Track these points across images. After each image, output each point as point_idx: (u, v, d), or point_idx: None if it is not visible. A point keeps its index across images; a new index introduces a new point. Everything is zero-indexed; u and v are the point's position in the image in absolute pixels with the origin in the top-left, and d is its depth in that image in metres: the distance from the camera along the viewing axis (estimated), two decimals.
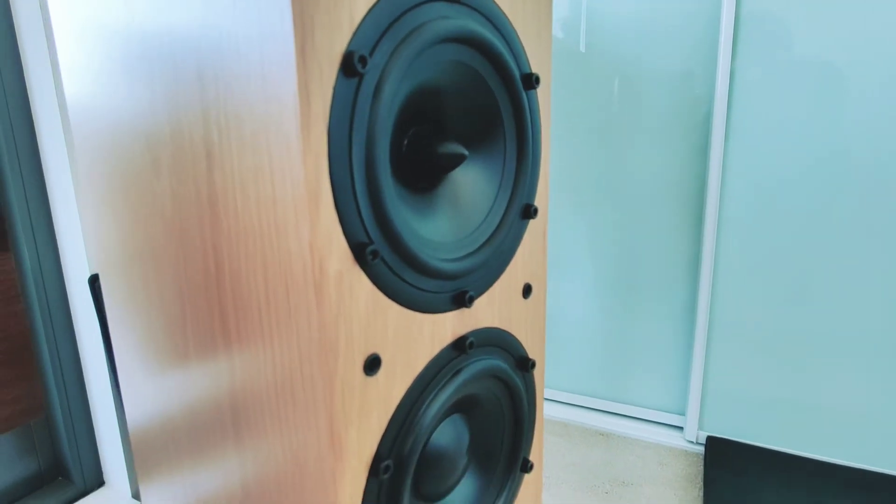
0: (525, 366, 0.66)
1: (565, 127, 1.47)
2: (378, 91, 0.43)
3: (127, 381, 0.66)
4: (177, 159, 0.50)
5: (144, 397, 0.64)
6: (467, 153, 0.53)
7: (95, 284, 1.05)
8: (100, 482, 1.27)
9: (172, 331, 0.57)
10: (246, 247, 0.47)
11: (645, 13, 1.32)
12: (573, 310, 1.56)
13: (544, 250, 0.68)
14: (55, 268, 1.15)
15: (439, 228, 0.53)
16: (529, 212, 0.62)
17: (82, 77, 0.57)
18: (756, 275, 1.30)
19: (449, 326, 0.55)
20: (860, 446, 1.27)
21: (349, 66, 0.41)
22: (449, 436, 0.60)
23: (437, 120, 0.54)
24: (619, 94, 1.39)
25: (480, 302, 0.59)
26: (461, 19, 0.49)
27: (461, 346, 0.56)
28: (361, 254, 0.44)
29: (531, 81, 0.58)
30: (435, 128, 0.54)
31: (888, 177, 1.15)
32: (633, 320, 1.49)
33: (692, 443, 1.41)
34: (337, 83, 0.41)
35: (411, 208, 0.51)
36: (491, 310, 0.60)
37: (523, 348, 0.66)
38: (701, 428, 1.42)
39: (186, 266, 0.53)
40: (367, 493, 0.49)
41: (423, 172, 0.53)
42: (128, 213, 0.57)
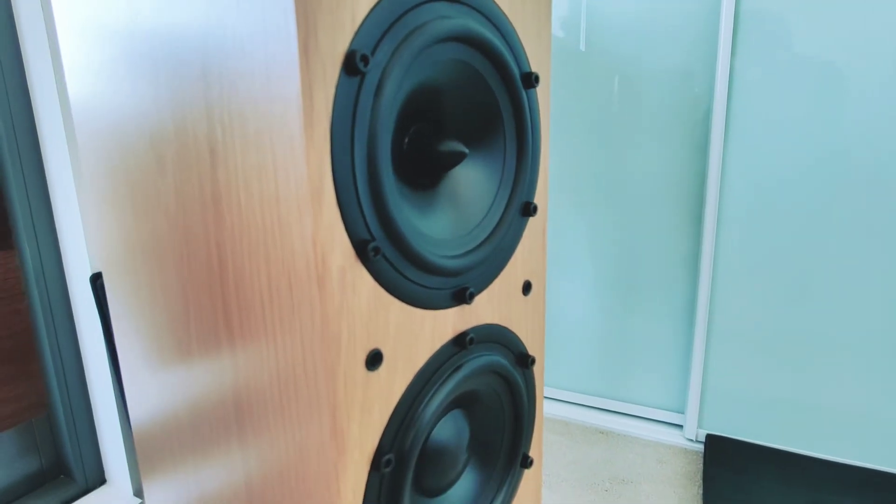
0: (525, 362, 0.67)
1: (565, 126, 1.47)
2: (380, 90, 0.43)
3: (130, 379, 0.66)
4: (181, 157, 0.50)
5: (147, 394, 0.64)
6: (467, 151, 0.54)
7: (97, 283, 1.06)
8: (101, 480, 1.28)
9: (176, 327, 0.57)
10: (249, 243, 0.47)
11: (644, 12, 1.33)
12: (573, 309, 1.57)
13: (544, 247, 0.68)
14: (57, 266, 1.16)
15: (440, 225, 0.54)
16: (529, 209, 0.62)
17: (85, 75, 0.58)
18: (755, 274, 1.31)
19: (449, 322, 0.56)
20: (859, 444, 1.27)
21: (351, 65, 0.41)
22: (449, 431, 0.60)
23: (438, 118, 0.54)
24: (619, 92, 1.39)
25: (481, 298, 0.59)
26: (461, 19, 0.49)
27: (461, 342, 0.57)
28: (363, 250, 0.45)
29: (531, 80, 0.59)
30: (435, 126, 0.54)
31: (888, 176, 1.16)
32: (632, 319, 1.49)
33: (692, 441, 1.42)
34: (339, 82, 0.41)
35: (412, 205, 0.51)
36: (491, 306, 0.61)
37: (523, 345, 0.67)
38: (700, 426, 1.42)
39: (190, 263, 0.53)
40: (368, 487, 0.49)
41: (424, 170, 0.54)
42: (131, 211, 0.58)
